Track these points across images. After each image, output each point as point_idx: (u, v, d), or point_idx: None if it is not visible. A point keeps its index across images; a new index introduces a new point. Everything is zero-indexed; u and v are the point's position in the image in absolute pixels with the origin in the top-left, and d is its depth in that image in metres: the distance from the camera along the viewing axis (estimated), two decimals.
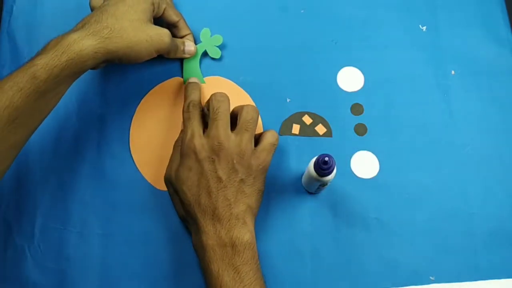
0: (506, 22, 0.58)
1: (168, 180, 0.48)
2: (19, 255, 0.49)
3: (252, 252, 0.43)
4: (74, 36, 0.42)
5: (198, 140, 0.45)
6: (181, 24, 0.54)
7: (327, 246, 0.50)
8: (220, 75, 0.55)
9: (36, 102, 0.41)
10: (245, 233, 0.43)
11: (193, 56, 0.54)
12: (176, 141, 0.50)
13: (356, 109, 0.55)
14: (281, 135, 0.53)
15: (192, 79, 0.53)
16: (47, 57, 0.41)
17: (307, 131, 0.54)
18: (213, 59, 0.55)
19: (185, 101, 0.50)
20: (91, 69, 0.45)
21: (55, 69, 0.40)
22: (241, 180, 0.45)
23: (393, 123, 0.54)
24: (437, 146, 0.53)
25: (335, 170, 0.45)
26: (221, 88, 0.54)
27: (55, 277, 0.49)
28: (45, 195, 0.51)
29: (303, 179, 0.50)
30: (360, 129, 0.54)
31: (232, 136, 0.46)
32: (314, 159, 0.45)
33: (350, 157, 0.53)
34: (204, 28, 0.55)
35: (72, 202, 0.51)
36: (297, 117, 0.54)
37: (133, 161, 0.52)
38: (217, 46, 0.55)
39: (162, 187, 0.51)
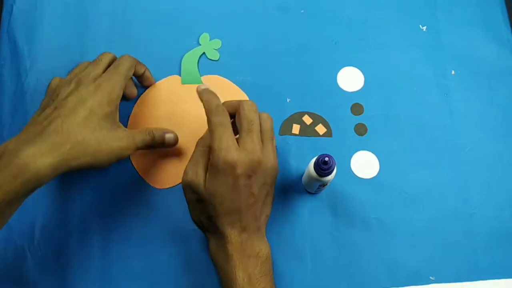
0: (506, 22, 0.58)
1: (190, 186, 0.43)
2: (19, 255, 0.49)
3: (270, 263, 0.43)
4: (30, 152, 0.38)
5: (236, 154, 0.41)
6: (146, 75, 0.52)
7: (327, 246, 0.50)
8: (220, 75, 0.55)
9: None
10: (264, 244, 0.43)
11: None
12: (200, 141, 0.44)
13: (356, 109, 0.55)
14: (281, 135, 0.53)
15: (202, 86, 0.46)
16: (1, 179, 0.37)
17: (307, 131, 0.54)
18: (210, 60, 0.56)
19: (209, 104, 0.43)
20: None
21: (10, 193, 0.37)
22: (267, 192, 0.44)
23: (393, 123, 0.54)
24: (437, 146, 0.53)
25: (335, 170, 0.45)
26: (219, 87, 0.54)
27: (55, 277, 0.49)
28: (45, 195, 0.51)
29: (303, 179, 0.50)
30: (360, 129, 0.54)
31: (263, 149, 0.43)
32: (314, 159, 0.45)
33: (350, 157, 0.53)
34: (204, 33, 0.56)
35: (72, 202, 0.51)
36: (297, 117, 0.54)
37: (130, 161, 0.52)
38: (216, 49, 0.55)
39: (160, 186, 0.51)
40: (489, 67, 0.56)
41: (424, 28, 0.58)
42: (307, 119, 0.54)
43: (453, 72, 0.56)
